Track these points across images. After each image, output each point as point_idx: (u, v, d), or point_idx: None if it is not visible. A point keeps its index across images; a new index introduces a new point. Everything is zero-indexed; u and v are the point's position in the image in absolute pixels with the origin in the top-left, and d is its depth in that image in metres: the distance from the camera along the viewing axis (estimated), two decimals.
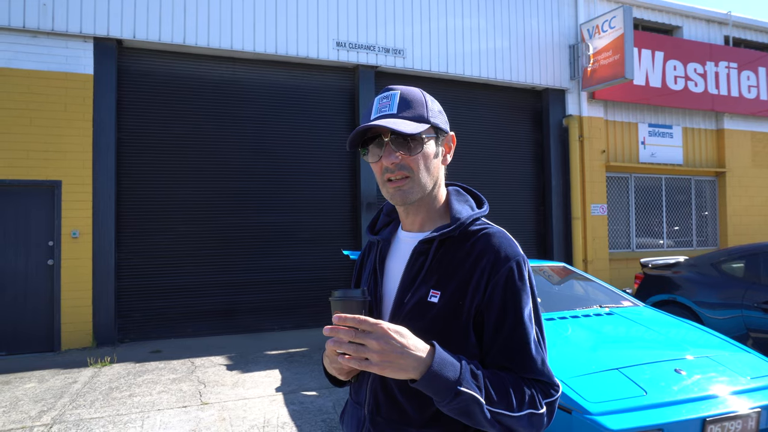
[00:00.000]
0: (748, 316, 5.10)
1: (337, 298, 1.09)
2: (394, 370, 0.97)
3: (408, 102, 1.16)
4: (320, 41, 8.06)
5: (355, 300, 1.08)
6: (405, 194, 1.16)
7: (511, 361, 1.09)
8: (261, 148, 7.94)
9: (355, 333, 0.97)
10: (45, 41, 6.74)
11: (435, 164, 1.19)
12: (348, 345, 0.97)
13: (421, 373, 0.98)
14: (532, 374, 1.09)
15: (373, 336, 0.97)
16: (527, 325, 1.10)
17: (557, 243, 9.69)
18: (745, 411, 2.72)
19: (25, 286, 6.62)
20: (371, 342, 0.96)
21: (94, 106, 6.91)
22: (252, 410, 4.50)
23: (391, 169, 1.15)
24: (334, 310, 1.07)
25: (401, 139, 1.14)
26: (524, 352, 1.09)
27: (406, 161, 1.15)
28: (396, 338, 0.98)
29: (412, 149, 1.14)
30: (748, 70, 11.52)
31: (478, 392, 1.00)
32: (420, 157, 1.15)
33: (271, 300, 7.88)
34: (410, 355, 0.98)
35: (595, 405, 2.67)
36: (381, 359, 0.96)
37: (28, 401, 4.75)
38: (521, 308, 1.10)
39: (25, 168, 6.59)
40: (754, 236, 11.25)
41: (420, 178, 1.16)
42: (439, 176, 1.22)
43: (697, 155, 11.21)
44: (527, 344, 1.09)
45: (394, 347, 0.97)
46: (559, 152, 9.82)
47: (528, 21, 9.62)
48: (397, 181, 1.15)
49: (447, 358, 1.01)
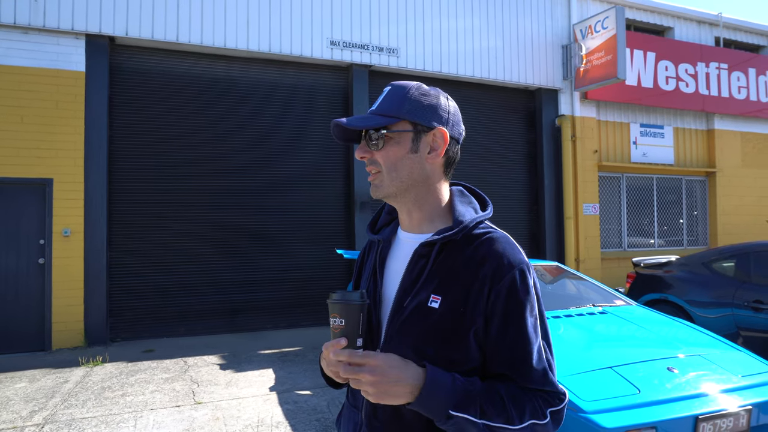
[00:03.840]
0: (738, 315, 5.15)
1: (335, 300, 1.08)
2: (389, 398, 1.01)
3: (389, 97, 1.17)
4: (314, 40, 8.04)
5: (354, 303, 1.06)
6: (376, 188, 1.18)
7: (513, 371, 1.07)
8: (254, 147, 7.91)
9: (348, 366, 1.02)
10: (36, 38, 6.67)
11: (411, 160, 1.15)
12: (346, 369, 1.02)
13: (415, 398, 1.01)
14: (534, 384, 1.07)
15: (366, 370, 0.99)
16: (530, 335, 1.08)
17: (550, 242, 9.74)
18: (736, 409, 2.75)
19: (16, 285, 6.56)
20: (365, 376, 0.99)
21: (86, 103, 6.85)
22: (246, 409, 4.49)
23: (365, 163, 1.19)
24: (332, 312, 1.07)
25: (376, 135, 1.15)
26: (526, 363, 1.07)
27: (375, 156, 1.16)
28: (387, 370, 1.00)
29: (374, 145, 1.16)
30: (738, 70, 11.63)
31: (472, 413, 1.00)
32: (386, 153, 1.15)
33: (264, 299, 7.86)
34: (403, 383, 1.00)
35: (590, 403, 2.69)
36: (375, 391, 0.99)
37: (19, 401, 4.71)
38: (524, 318, 1.08)
39: (16, 166, 6.53)
40: (743, 236, 11.36)
41: (387, 173, 1.16)
42: (425, 174, 1.18)
43: (687, 155, 11.30)
44: (529, 354, 1.07)
45: (388, 378, 1.00)
46: (552, 152, 9.86)
47: (521, 21, 9.66)
48: (372, 174, 1.18)
49: (439, 380, 1.02)
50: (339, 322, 1.07)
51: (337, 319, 1.07)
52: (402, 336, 1.10)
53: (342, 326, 1.06)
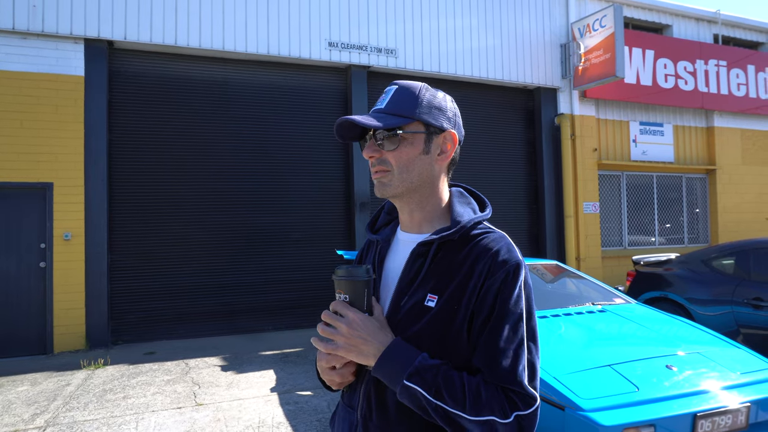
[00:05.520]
0: (738, 312, 5.15)
1: (340, 277, 1.09)
2: (356, 354, 1.07)
3: (399, 97, 1.16)
4: (312, 41, 8.05)
5: (359, 280, 1.09)
6: (384, 187, 1.17)
7: (485, 365, 1.05)
8: (253, 149, 7.93)
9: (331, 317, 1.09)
10: (35, 43, 6.70)
11: (423, 161, 1.16)
12: (322, 326, 1.10)
13: (376, 360, 1.06)
14: (503, 383, 1.04)
15: (344, 321, 1.07)
16: (509, 333, 1.06)
17: (550, 241, 9.74)
18: (735, 406, 2.75)
19: (17, 289, 6.58)
20: (341, 326, 1.07)
21: (85, 107, 6.87)
22: (247, 410, 4.50)
23: (373, 162, 1.17)
24: (338, 288, 1.10)
25: (382, 134, 1.15)
26: (499, 359, 1.04)
27: (385, 155, 1.16)
28: (362, 326, 1.07)
29: (387, 144, 1.15)
30: (737, 68, 11.63)
31: (425, 389, 1.02)
32: (398, 153, 1.15)
33: (265, 300, 7.87)
34: (371, 343, 1.07)
35: (588, 401, 2.69)
36: (346, 342, 1.07)
37: (21, 404, 4.72)
38: (508, 315, 1.07)
39: (16, 170, 6.55)
40: (744, 233, 11.36)
41: (398, 173, 1.15)
42: (432, 175, 1.19)
43: (687, 153, 11.30)
44: (504, 351, 1.05)
45: (359, 334, 1.06)
46: (551, 151, 9.86)
47: (519, 20, 9.66)
48: (378, 173, 1.17)
49: (403, 351, 1.06)
50: (344, 297, 1.10)
51: (342, 295, 1.10)
52: (400, 334, 1.11)
53: (347, 302, 1.09)
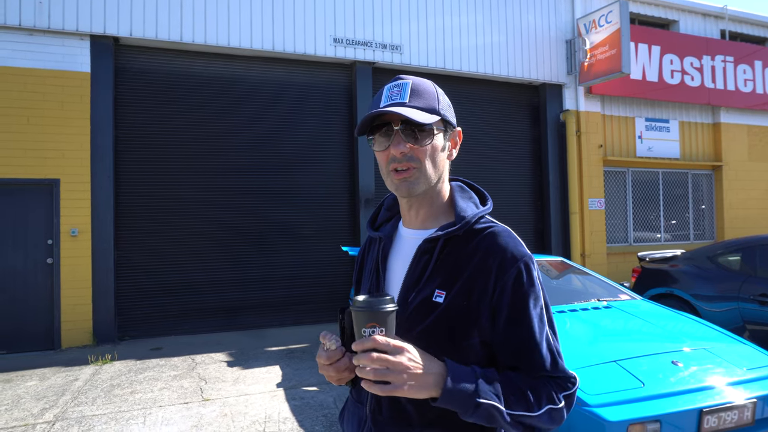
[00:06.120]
0: (744, 308, 5.14)
1: (361, 308, 0.97)
2: (418, 389, 0.98)
3: (419, 92, 1.14)
4: (317, 38, 8.05)
5: (394, 310, 0.99)
6: (411, 185, 1.13)
7: (524, 361, 1.09)
8: (258, 145, 7.95)
9: (375, 355, 0.95)
10: (41, 39, 6.72)
11: (441, 158, 1.18)
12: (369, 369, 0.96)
13: (441, 390, 0.99)
14: (546, 372, 1.09)
15: (404, 357, 0.97)
16: (537, 326, 1.10)
17: (555, 237, 9.73)
18: (741, 401, 2.75)
19: (25, 285, 6.63)
20: (401, 363, 0.96)
21: (92, 104, 6.90)
22: (253, 406, 4.53)
23: (399, 158, 1.12)
24: (368, 322, 0.96)
25: (411, 129, 1.11)
26: (536, 353, 1.09)
27: (414, 152, 1.12)
28: (418, 358, 0.99)
29: (421, 140, 1.12)
30: (744, 63, 11.55)
31: (497, 400, 1.01)
32: (428, 149, 1.13)
33: (270, 297, 7.90)
34: (430, 375, 0.99)
35: (594, 397, 2.70)
36: (407, 380, 0.96)
37: (30, 399, 4.77)
38: (530, 309, 1.10)
39: (23, 167, 6.59)
40: (750, 229, 11.31)
41: (426, 170, 1.14)
42: (444, 171, 1.21)
43: (693, 149, 11.24)
44: (538, 344, 1.09)
45: (418, 367, 0.98)
46: (557, 147, 9.84)
47: (525, 16, 9.62)
48: (403, 171, 1.13)
49: (462, 371, 1.02)
50: (379, 330, 0.97)
51: (377, 329, 0.97)
52: (406, 332, 1.10)
53: (383, 335, 0.98)
